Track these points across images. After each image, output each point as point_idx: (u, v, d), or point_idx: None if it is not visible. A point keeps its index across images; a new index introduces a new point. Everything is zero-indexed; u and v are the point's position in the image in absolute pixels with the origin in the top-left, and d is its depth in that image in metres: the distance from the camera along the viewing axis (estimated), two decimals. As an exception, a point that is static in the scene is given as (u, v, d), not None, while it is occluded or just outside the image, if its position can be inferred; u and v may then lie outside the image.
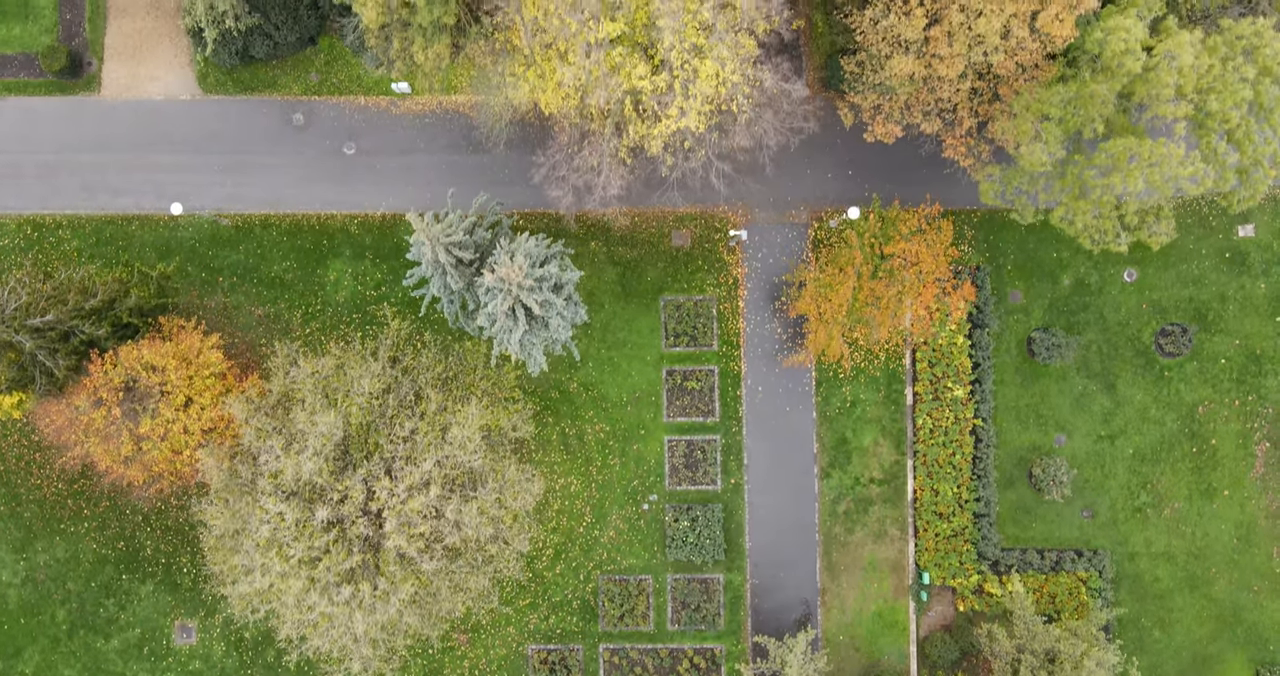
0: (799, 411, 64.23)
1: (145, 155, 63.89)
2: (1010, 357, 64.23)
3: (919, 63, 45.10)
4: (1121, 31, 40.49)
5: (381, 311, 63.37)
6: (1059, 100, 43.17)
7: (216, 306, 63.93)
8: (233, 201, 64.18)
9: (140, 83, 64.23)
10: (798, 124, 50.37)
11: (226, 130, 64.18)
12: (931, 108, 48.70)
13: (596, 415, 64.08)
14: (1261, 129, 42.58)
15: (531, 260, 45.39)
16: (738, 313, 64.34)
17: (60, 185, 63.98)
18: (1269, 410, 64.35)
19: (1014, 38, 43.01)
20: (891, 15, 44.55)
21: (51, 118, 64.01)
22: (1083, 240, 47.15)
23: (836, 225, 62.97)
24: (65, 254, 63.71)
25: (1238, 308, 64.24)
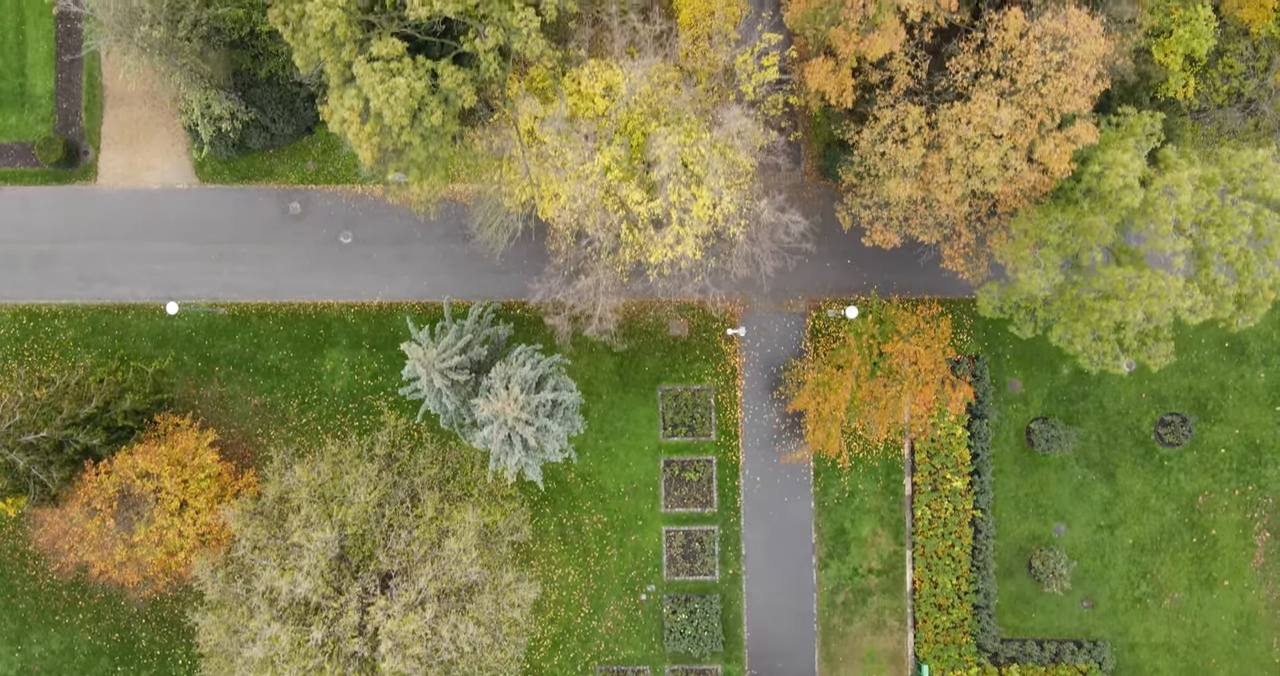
0: (797, 501, 63.96)
1: (142, 244, 63.74)
2: (1009, 447, 63.98)
3: (917, 186, 44.95)
4: (1119, 167, 40.33)
5: (378, 402, 63.22)
6: (1057, 228, 43.01)
7: (212, 396, 63.70)
8: (229, 290, 64.01)
9: (137, 171, 64.09)
10: (795, 245, 50.08)
11: (223, 219, 64.03)
12: (930, 223, 48.55)
13: (594, 506, 63.81)
14: (1261, 258, 42.42)
15: (526, 386, 45.18)
16: (736, 402, 64.09)
17: (56, 274, 63.82)
18: (1269, 500, 64.07)
19: (1012, 169, 42.85)
20: (889, 142, 44.41)
21: (48, 207, 63.88)
22: (1081, 361, 46.96)
23: (835, 316, 62.76)
24: (61, 344, 63.51)
25: (1237, 397, 63.99)
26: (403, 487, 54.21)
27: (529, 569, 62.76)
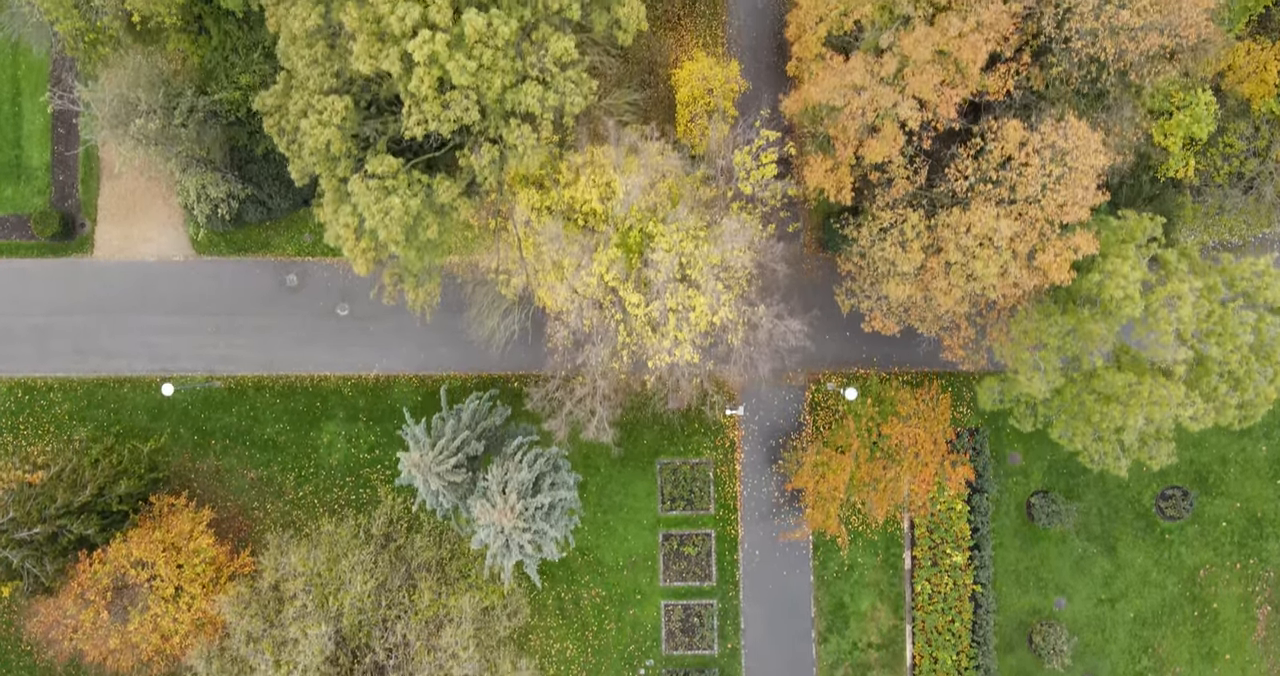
0: (796, 575, 63.60)
1: (138, 317, 63.44)
2: (1010, 520, 63.63)
3: (916, 286, 44.67)
4: (1120, 277, 40.09)
5: (375, 476, 62.93)
6: (1057, 331, 42.74)
7: (208, 470, 63.36)
8: (226, 363, 63.70)
9: (133, 244, 63.81)
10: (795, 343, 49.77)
11: (220, 291, 63.74)
12: (929, 317, 48.27)
13: (593, 580, 63.43)
14: (1263, 366, 42.12)
15: (523, 491, 44.88)
16: (735, 476, 63.76)
17: (52, 347, 63.51)
18: (1270, 573, 63.72)
19: (1012, 276, 42.58)
20: (888, 246, 44.16)
21: (44, 279, 63.58)
22: (1082, 459, 46.65)
23: (834, 389, 62.46)
24: (56, 417, 63.18)
25: (1239, 470, 63.67)
26: (399, 572, 53.86)
27: (527, 643, 62.41)
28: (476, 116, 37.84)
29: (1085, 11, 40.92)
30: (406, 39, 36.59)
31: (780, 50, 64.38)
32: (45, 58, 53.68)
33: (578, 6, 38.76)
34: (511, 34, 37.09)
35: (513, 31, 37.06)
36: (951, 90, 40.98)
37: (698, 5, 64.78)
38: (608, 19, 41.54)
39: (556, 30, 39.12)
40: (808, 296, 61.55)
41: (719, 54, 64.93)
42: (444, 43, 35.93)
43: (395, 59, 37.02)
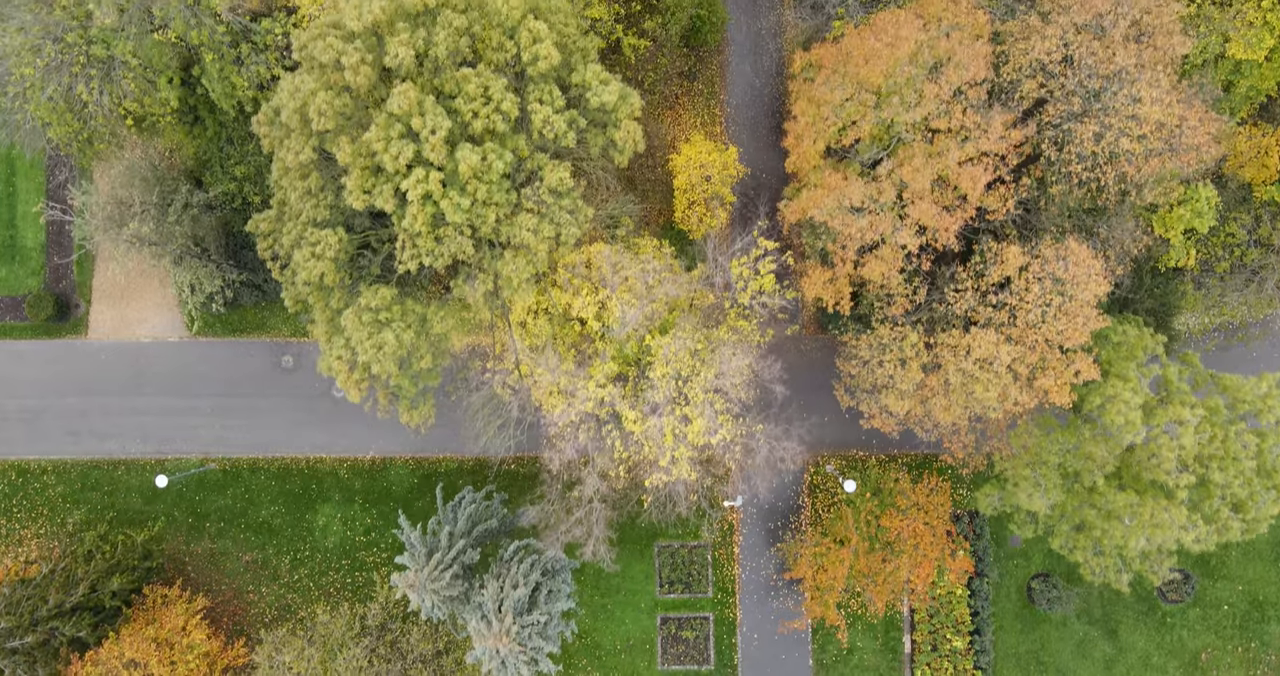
0: (795, 659, 63.08)
1: (132, 398, 63.01)
2: (1010, 604, 63.15)
3: (915, 401, 44.30)
4: (1120, 403, 39.73)
5: (371, 558, 62.44)
6: (1058, 448, 42.35)
7: (203, 553, 62.86)
8: (220, 445, 63.25)
9: (128, 324, 63.37)
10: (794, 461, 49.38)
11: (215, 372, 63.31)
12: (928, 425, 47.88)
13: (590, 663, 62.91)
14: (1265, 487, 41.75)
15: (519, 607, 44.40)
16: (733, 558, 63.28)
17: (45, 429, 63.06)
18: (1272, 657, 63.23)
19: (1012, 398, 42.22)
20: (888, 362, 43.78)
21: (37, 361, 63.14)
22: (1083, 572, 46.23)
23: (832, 472, 62.03)
24: (50, 500, 62.70)
25: (1240, 553, 63.20)
26: (395, 667, 53.36)
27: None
28: (470, 251, 37.46)
29: (1085, 138, 40.62)
30: (400, 176, 36.22)
31: (779, 129, 64.09)
32: (40, 152, 53.29)
33: (573, 135, 38.39)
34: (506, 167, 36.74)
35: (507, 164, 36.72)
36: (951, 216, 40.66)
37: (696, 84, 64.52)
38: (603, 141, 41.17)
39: (552, 158, 38.72)
40: (807, 378, 61.17)
41: (717, 133, 64.65)
42: (438, 181, 35.57)
43: (389, 196, 36.67)
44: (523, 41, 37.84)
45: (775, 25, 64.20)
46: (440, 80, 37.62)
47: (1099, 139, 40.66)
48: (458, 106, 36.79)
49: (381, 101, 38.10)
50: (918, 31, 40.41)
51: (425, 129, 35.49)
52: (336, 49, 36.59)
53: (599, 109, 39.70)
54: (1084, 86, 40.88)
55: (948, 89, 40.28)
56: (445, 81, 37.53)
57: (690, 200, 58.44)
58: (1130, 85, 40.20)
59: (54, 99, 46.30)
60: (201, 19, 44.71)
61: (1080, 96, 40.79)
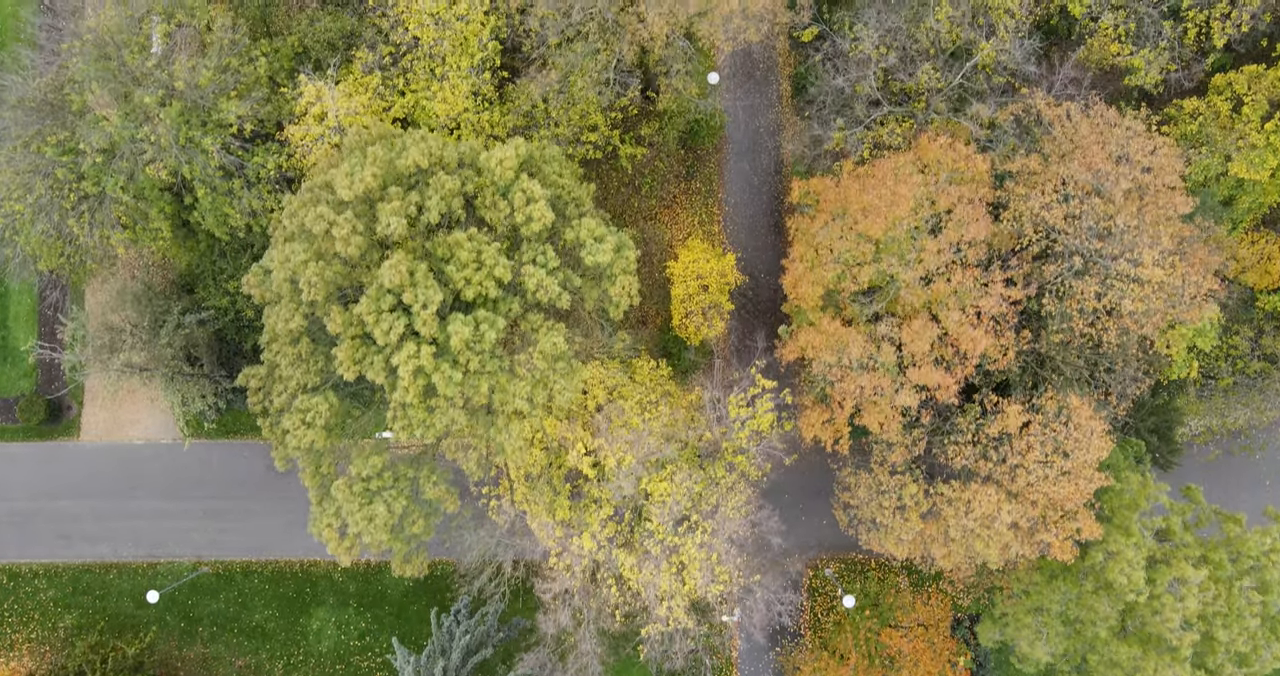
0: (794, 765, 62.36)
1: (124, 501, 62.41)
2: (1012, 709, 62.46)
3: (915, 546, 43.77)
4: (1123, 561, 39.19)
5: (365, 662, 61.82)
6: (1060, 597, 41.78)
7: (195, 658, 62.20)
8: (214, 548, 62.64)
9: (120, 426, 62.78)
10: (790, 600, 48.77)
11: (208, 475, 62.69)
12: (929, 562, 47.35)
13: (586, 771, 62.24)
14: (1269, 642, 41.17)
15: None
16: (731, 663, 62.56)
17: (37, 532, 62.45)
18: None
19: (1013, 550, 41.69)
20: (886, 510, 43.24)
21: (29, 463, 62.55)
22: (1087, 712, 45.60)
23: (831, 576, 61.41)
24: (41, 604, 62.07)
25: (1244, 658, 62.54)
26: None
27: None
28: (463, 421, 37.00)
29: (1086, 296, 40.18)
30: (391, 350, 35.74)
31: (778, 227, 63.61)
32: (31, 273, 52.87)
33: (567, 296, 37.89)
34: (499, 334, 36.25)
35: (500, 331, 36.23)
36: (951, 375, 40.18)
37: (694, 182, 63.97)
38: (598, 294, 40.69)
39: (546, 318, 38.27)
40: (806, 481, 60.39)
41: (715, 232, 64.10)
42: (429, 355, 35.09)
43: (380, 368, 36.18)
44: (516, 202, 37.38)
45: (774, 124, 63.71)
46: (433, 243, 37.16)
47: (1100, 296, 40.23)
48: (450, 273, 36.33)
49: (375, 264, 37.63)
50: (917, 186, 39.93)
51: (417, 303, 35.03)
52: (328, 219, 36.11)
53: (594, 267, 39.25)
54: (1085, 246, 40.46)
55: (948, 248, 39.83)
56: (437, 245, 37.06)
57: (687, 309, 57.90)
58: (1132, 249, 39.77)
59: (45, 233, 45.85)
60: (193, 156, 44.26)
61: (1081, 255, 40.35)
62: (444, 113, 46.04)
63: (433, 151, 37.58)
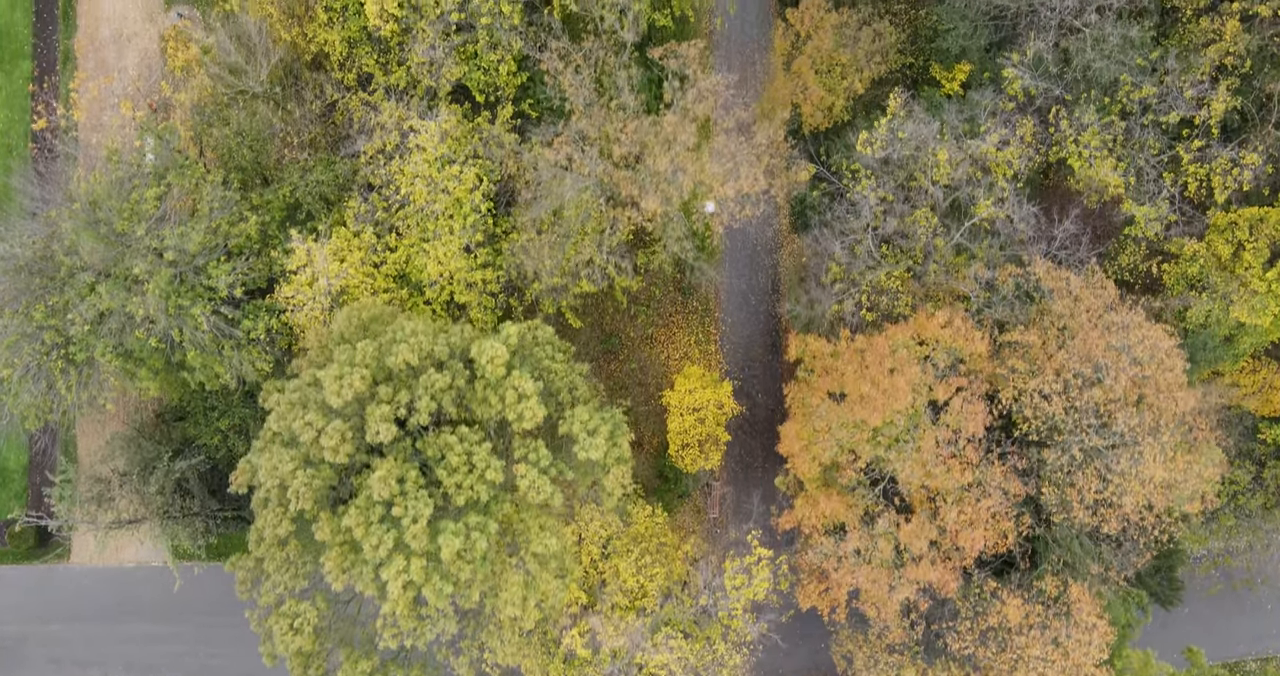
0: None
1: (115, 625, 61.78)
2: None
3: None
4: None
5: (358, 789, 61.15)
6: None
7: (186, 782, 61.53)
8: (205, 673, 61.98)
9: (111, 549, 62.04)
10: None
11: (200, 598, 61.99)
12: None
13: None
14: None
15: None
16: (727, 790, 61.91)
17: (28, 657, 61.80)
18: None
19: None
20: None
21: (18, 586, 61.92)
22: None
23: (830, 701, 60.78)
24: (31, 731, 61.47)
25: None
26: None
27: None
28: (453, 629, 36.51)
29: (1087, 489, 39.69)
30: (381, 563, 35.27)
31: (774, 347, 63.10)
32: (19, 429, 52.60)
33: (560, 495, 37.39)
34: (491, 539, 35.76)
35: (492, 536, 35.72)
36: (949, 568, 39.67)
37: (690, 301, 63.41)
38: (591, 481, 40.20)
39: (539, 513, 37.82)
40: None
41: (711, 352, 63.53)
42: (420, 568, 34.63)
43: (369, 580, 35.72)
44: (508, 399, 36.92)
45: (771, 242, 63.17)
46: (423, 443, 36.70)
47: (1100, 489, 39.75)
48: (441, 477, 35.85)
49: (365, 465, 37.17)
50: (914, 376, 39.45)
51: (407, 516, 34.59)
52: (317, 426, 35.67)
53: (586, 461, 38.81)
54: (1085, 441, 40.01)
55: (945, 443, 39.35)
56: (428, 445, 36.61)
57: (684, 441, 57.36)
58: (1132, 448, 39.30)
59: (34, 396, 45.40)
60: (182, 323, 43.79)
61: (1081, 449, 39.88)
62: (436, 272, 45.60)
63: (423, 347, 37.11)
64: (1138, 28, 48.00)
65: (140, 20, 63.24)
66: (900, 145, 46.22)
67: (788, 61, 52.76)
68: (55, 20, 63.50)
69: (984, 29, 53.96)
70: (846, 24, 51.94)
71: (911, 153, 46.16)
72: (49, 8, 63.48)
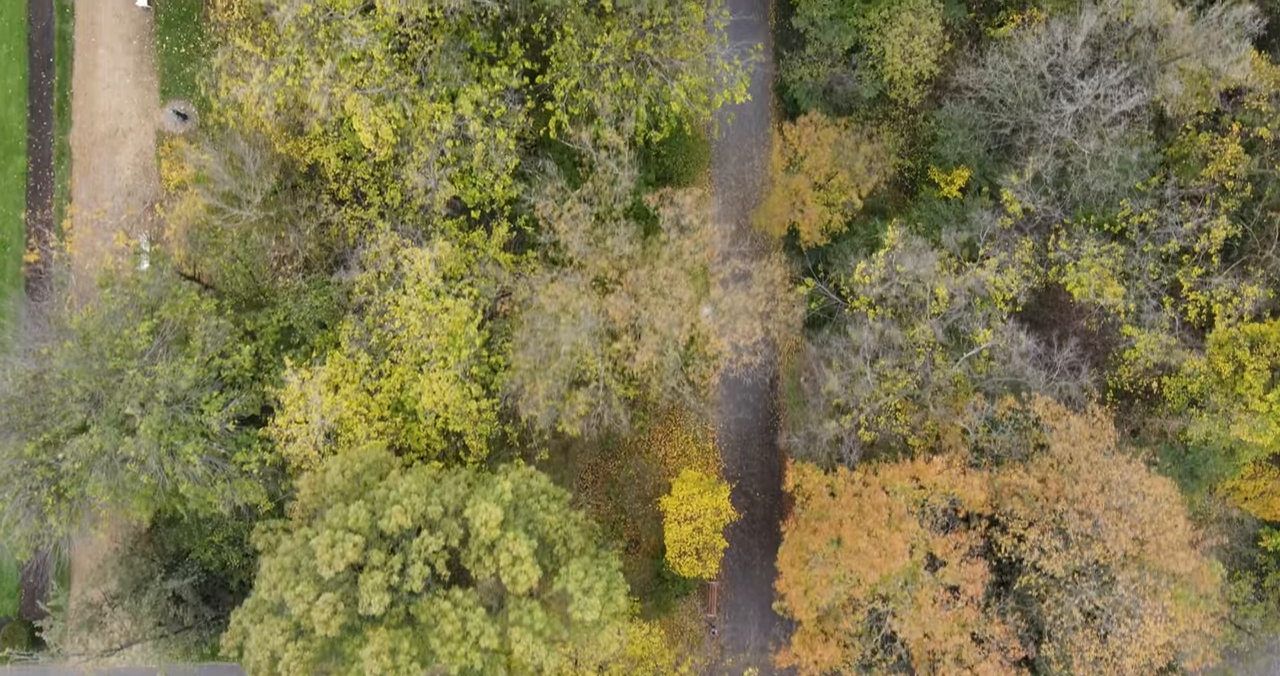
0: None
1: (109, 728, 61.28)
2: None
3: None
4: None
5: None
6: None
7: None
8: (198, 774, 61.47)
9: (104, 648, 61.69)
10: None
11: (193, 699, 61.60)
12: None
13: None
14: None
15: None
16: None
17: (19, 758, 61.31)
18: None
19: None
20: None
21: (12, 688, 61.48)
22: None
23: None
24: None
25: None
26: None
27: None
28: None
29: (1087, 648, 39.32)
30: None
31: (772, 445, 62.72)
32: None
33: (555, 657, 36.98)
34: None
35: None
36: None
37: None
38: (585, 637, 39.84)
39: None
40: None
41: (709, 450, 63.13)
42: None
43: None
44: (502, 561, 36.59)
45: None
46: (416, 607, 36.35)
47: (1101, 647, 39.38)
48: (435, 645, 35.48)
49: (357, 632, 36.79)
50: (911, 533, 39.12)
51: (399, 691, 34.30)
52: (308, 599, 35.31)
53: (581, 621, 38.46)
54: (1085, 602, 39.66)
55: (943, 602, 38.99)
56: (421, 610, 36.25)
57: (681, 549, 56.96)
58: (1133, 610, 38.95)
59: (25, 527, 45.09)
60: (175, 462, 43.50)
61: (1081, 609, 39.53)
62: (430, 404, 45.28)
63: (415, 508, 36.78)
64: (1138, 152, 47.73)
65: (136, 116, 63.01)
66: (898, 276, 45.94)
67: (786, 180, 52.54)
68: (50, 116, 63.28)
69: (983, 138, 53.71)
70: (844, 143, 51.69)
71: (910, 284, 45.88)
72: (44, 103, 63.27)
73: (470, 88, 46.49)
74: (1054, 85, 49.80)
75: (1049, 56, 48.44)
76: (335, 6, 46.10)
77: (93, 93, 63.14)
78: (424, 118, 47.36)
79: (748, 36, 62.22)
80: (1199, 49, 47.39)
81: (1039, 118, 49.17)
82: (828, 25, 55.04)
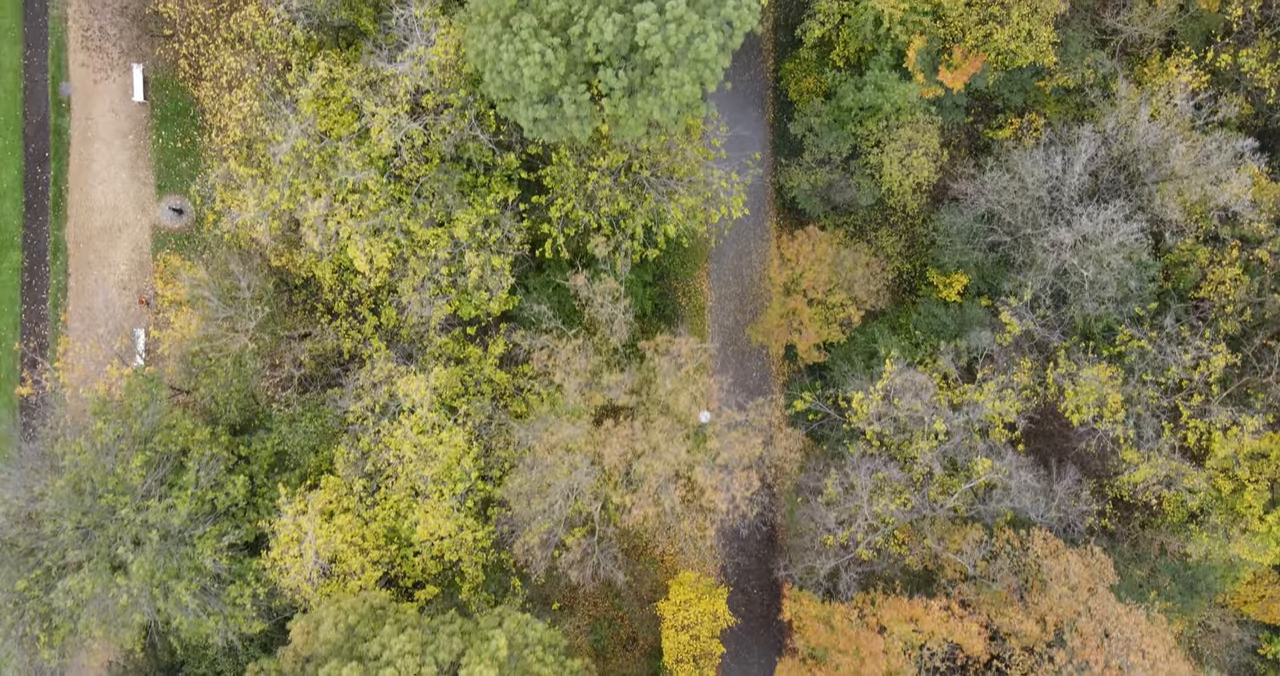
0: None
1: None
2: None
3: None
4: None
5: None
6: None
7: None
8: None
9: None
10: None
11: (188, 799, 61.28)
12: None
13: None
14: None
15: None
16: None
17: None
18: None
19: None
20: None
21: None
22: None
23: None
24: None
25: None
26: None
27: None
28: None
29: None
30: None
31: (771, 540, 62.42)
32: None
33: None
34: None
35: None
36: None
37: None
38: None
39: None
40: None
41: (706, 547, 62.82)
42: None
43: None
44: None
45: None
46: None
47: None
48: None
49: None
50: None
51: None
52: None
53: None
54: None
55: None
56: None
57: (679, 657, 56.73)
58: None
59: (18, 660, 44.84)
60: (168, 601, 43.33)
61: None
62: (426, 535, 45.09)
63: (409, 670, 36.56)
64: (1135, 278, 47.52)
65: (132, 211, 62.77)
66: (896, 410, 45.74)
67: (783, 299, 52.34)
68: (46, 211, 63.04)
69: (981, 248, 53.50)
70: (842, 259, 51.48)
71: (907, 417, 45.70)
72: (40, 198, 63.03)
73: (465, 212, 46.30)
74: (1052, 205, 49.61)
75: (1048, 181, 48.25)
76: (330, 135, 45.95)
77: (88, 188, 62.92)
78: (418, 243, 47.18)
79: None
80: (1197, 173, 47.21)
81: (1038, 240, 48.98)
82: (825, 132, 54.87)
